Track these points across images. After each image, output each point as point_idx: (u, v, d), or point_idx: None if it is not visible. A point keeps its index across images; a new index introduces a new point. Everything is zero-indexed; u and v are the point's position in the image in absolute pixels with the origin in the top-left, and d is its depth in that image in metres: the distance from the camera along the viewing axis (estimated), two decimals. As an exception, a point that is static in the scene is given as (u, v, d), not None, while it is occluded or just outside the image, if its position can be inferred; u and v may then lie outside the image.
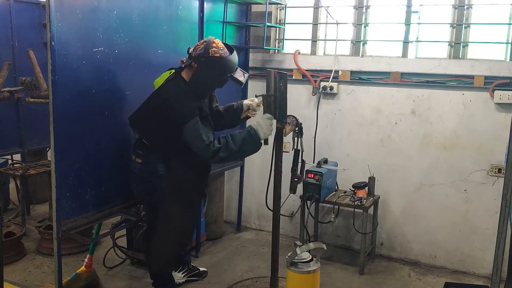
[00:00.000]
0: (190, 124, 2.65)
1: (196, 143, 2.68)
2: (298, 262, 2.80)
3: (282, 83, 2.77)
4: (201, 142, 2.66)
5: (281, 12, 4.41)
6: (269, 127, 2.79)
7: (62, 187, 2.64)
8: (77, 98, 2.68)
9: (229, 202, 4.72)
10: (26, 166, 4.46)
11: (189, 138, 2.68)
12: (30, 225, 4.28)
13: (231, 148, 2.71)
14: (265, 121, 2.78)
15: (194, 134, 2.66)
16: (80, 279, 3.30)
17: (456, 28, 3.75)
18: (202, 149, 2.68)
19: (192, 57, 2.77)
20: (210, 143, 2.67)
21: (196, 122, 2.66)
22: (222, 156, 2.70)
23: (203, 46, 2.74)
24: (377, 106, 3.99)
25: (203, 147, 2.67)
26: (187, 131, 2.66)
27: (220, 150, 2.68)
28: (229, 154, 2.72)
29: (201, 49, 2.74)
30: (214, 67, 2.75)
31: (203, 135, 2.66)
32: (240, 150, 2.76)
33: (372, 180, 3.88)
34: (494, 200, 3.62)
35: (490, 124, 3.62)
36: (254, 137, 2.77)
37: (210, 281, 3.59)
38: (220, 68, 2.77)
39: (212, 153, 2.68)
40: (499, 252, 2.40)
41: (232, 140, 2.72)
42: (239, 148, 2.73)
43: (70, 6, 2.57)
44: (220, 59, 2.74)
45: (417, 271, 3.86)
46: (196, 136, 2.66)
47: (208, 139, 2.67)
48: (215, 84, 2.88)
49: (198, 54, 2.73)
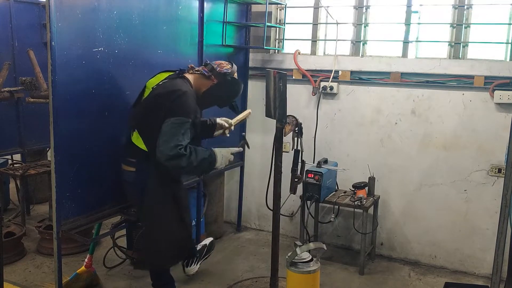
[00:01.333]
0: (179, 120, 2.62)
1: (168, 138, 2.60)
2: (298, 262, 2.80)
3: (282, 83, 2.77)
4: (173, 141, 2.60)
5: (281, 12, 4.41)
6: (226, 162, 2.88)
7: (62, 187, 2.64)
8: (77, 98, 2.68)
9: (229, 202, 4.72)
10: (26, 166, 4.46)
11: (166, 131, 2.61)
12: (30, 225, 4.28)
13: (191, 161, 2.66)
14: (227, 154, 2.86)
15: (173, 130, 2.61)
16: (80, 279, 3.31)
17: (456, 28, 3.75)
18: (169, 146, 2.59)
19: (215, 73, 2.89)
20: (179, 146, 2.61)
21: (186, 123, 2.65)
22: (179, 163, 2.64)
23: (229, 67, 2.93)
24: (377, 106, 3.99)
25: (171, 145, 2.59)
26: (170, 124, 2.61)
27: (182, 157, 2.62)
28: (186, 165, 2.66)
29: (227, 68, 2.91)
30: (232, 89, 2.96)
31: (180, 135, 2.62)
32: (196, 167, 2.72)
33: (372, 180, 3.88)
34: (494, 200, 3.62)
35: (490, 124, 3.62)
36: (211, 162, 2.80)
37: (210, 281, 3.59)
38: (234, 92, 2.99)
39: (174, 155, 2.60)
40: (499, 252, 2.40)
41: (195, 155, 2.69)
42: (196, 164, 2.69)
43: (70, 6, 2.57)
44: (239, 84, 3.00)
45: (417, 271, 3.86)
46: (173, 133, 2.61)
47: (183, 141, 2.62)
48: (222, 103, 3.04)
49: (225, 72, 2.89)
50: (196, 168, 2.74)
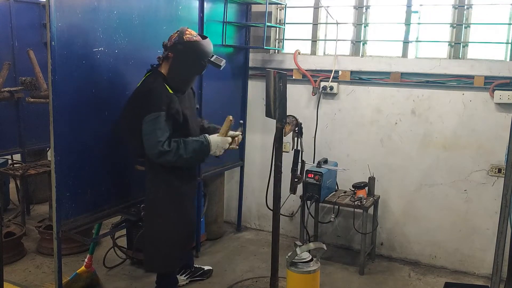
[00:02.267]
0: (151, 116, 2.61)
1: (147, 135, 2.62)
2: (298, 262, 2.80)
3: (282, 83, 2.77)
4: (152, 138, 2.61)
5: (281, 12, 4.41)
6: (221, 150, 2.82)
7: (62, 187, 2.64)
8: (77, 98, 2.68)
9: (229, 202, 4.72)
10: (26, 166, 4.46)
11: (144, 130, 2.63)
12: (30, 225, 4.28)
13: (180, 154, 2.66)
14: (223, 143, 2.82)
15: (150, 128, 2.61)
16: (80, 279, 3.31)
17: (456, 28, 3.75)
18: (151, 144, 2.62)
19: (168, 48, 2.77)
20: (160, 142, 2.61)
21: (159, 117, 2.62)
22: (168, 159, 2.65)
23: (177, 34, 2.76)
24: (377, 106, 3.99)
25: (152, 143, 2.61)
26: (145, 122, 2.62)
27: (167, 154, 2.63)
28: (176, 160, 2.67)
29: (175, 37, 2.76)
30: (191, 52, 2.75)
31: (158, 131, 2.61)
32: (189, 158, 2.71)
33: (372, 180, 3.88)
34: (494, 200, 3.62)
35: (490, 124, 3.62)
36: (206, 151, 2.77)
37: (210, 281, 3.59)
38: (197, 53, 2.77)
39: (157, 152, 2.62)
40: (499, 252, 2.40)
41: (184, 147, 2.68)
42: (188, 156, 2.70)
43: (70, 6, 2.57)
44: (196, 44, 2.76)
45: (417, 271, 3.86)
46: (150, 130, 2.61)
47: (162, 136, 2.62)
48: (194, 71, 2.85)
49: (174, 42, 2.75)
50: (188, 160, 2.73)
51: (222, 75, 3.82)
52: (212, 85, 3.79)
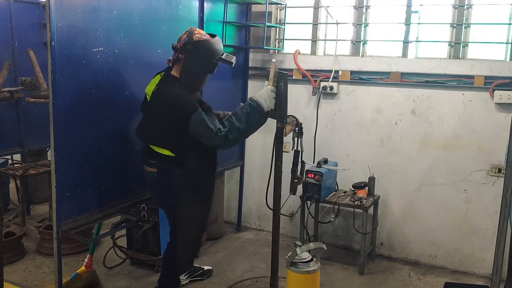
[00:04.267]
0: (195, 117, 2.63)
1: (204, 134, 2.66)
2: (298, 262, 2.79)
3: (282, 83, 2.77)
4: (209, 132, 2.64)
5: (281, 12, 4.41)
6: (272, 100, 2.74)
7: (62, 187, 2.64)
8: (77, 98, 2.68)
9: (229, 202, 4.72)
10: (26, 166, 4.46)
11: (197, 132, 2.66)
12: (30, 225, 4.28)
13: (237, 127, 2.68)
14: (268, 93, 2.73)
15: (201, 126, 2.64)
16: (80, 279, 3.31)
17: (456, 28, 3.75)
18: (212, 138, 2.66)
19: (178, 49, 2.76)
20: (218, 130, 2.65)
21: (200, 114, 2.65)
22: (231, 138, 2.68)
23: (186, 35, 2.74)
24: (377, 106, 3.99)
25: (212, 136, 2.65)
26: (193, 126, 2.64)
27: (228, 133, 2.66)
28: (238, 134, 2.70)
29: (184, 38, 2.74)
30: (201, 51, 2.73)
31: (209, 124, 2.64)
32: (247, 126, 2.72)
33: (372, 180, 3.88)
34: (494, 200, 3.62)
35: (490, 124, 3.62)
36: (258, 109, 2.71)
37: (210, 281, 3.59)
38: (208, 52, 2.76)
39: (222, 139, 2.66)
40: (499, 252, 2.40)
41: (236, 119, 2.70)
42: (245, 124, 2.70)
43: (70, 6, 2.57)
44: (206, 42, 2.75)
45: (417, 271, 3.86)
46: (203, 128, 2.64)
47: (216, 127, 2.66)
48: (206, 70, 2.82)
49: (183, 43, 2.73)
50: (247, 127, 2.73)
51: (222, 75, 3.81)
52: (212, 85, 3.76)
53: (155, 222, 3.55)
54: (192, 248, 3.07)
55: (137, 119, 2.96)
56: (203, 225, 3.04)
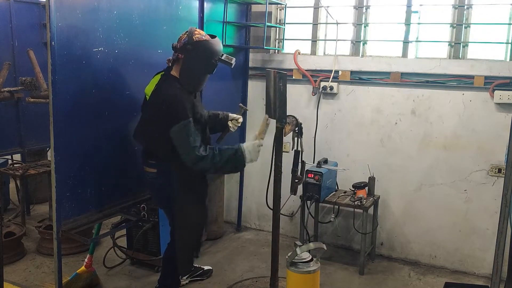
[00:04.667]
0: (181, 124, 2.62)
1: (182, 144, 2.64)
2: (298, 262, 2.79)
3: (282, 83, 2.77)
4: (187, 144, 2.62)
5: (281, 12, 4.41)
6: (256, 154, 2.79)
7: (62, 187, 2.64)
8: (77, 98, 2.68)
9: (229, 202, 4.72)
10: (26, 166, 4.46)
11: (177, 139, 2.64)
12: (30, 225, 4.28)
13: (214, 163, 2.68)
14: (254, 147, 2.78)
15: (182, 135, 2.62)
16: (80, 279, 3.31)
17: (456, 28, 3.75)
18: (186, 152, 2.64)
19: (178, 49, 2.77)
20: (195, 148, 2.63)
21: (188, 123, 2.63)
22: (202, 165, 2.67)
23: (186, 35, 2.76)
24: (377, 106, 3.99)
25: (187, 150, 2.63)
26: (176, 131, 2.62)
27: (203, 159, 2.65)
28: (210, 167, 2.70)
29: (184, 38, 2.75)
30: (201, 51, 2.74)
31: (190, 137, 2.63)
32: (222, 167, 2.74)
33: (372, 180, 3.88)
34: (494, 200, 3.62)
35: (490, 124, 3.62)
36: (240, 160, 2.75)
37: (210, 281, 3.59)
38: (207, 52, 2.76)
39: (195, 158, 2.64)
40: (499, 252, 2.40)
41: (219, 155, 2.70)
42: (222, 164, 2.71)
43: (70, 6, 2.57)
44: (206, 43, 2.76)
45: (417, 271, 3.86)
46: (183, 138, 2.63)
47: (195, 142, 2.64)
48: (206, 70, 2.82)
49: (183, 43, 2.74)
50: (222, 168, 2.76)
51: (222, 75, 3.82)
52: (212, 85, 3.78)
53: (155, 222, 3.55)
54: (191, 248, 3.07)
55: (137, 119, 2.96)
56: (201, 225, 3.04)
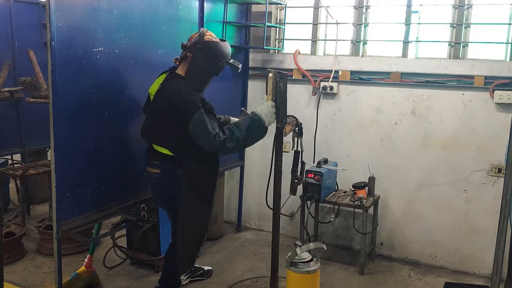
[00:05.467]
0: (195, 117, 2.64)
1: (202, 135, 2.66)
2: (298, 262, 2.79)
3: (282, 83, 2.77)
4: (207, 134, 2.65)
5: (281, 12, 4.41)
6: (272, 115, 2.78)
7: (62, 187, 2.64)
8: (77, 98, 2.68)
9: (229, 202, 4.72)
10: (26, 166, 4.46)
11: (195, 132, 2.67)
12: (30, 225, 4.28)
13: (237, 137, 2.71)
14: (269, 108, 2.77)
15: (200, 127, 2.65)
16: (80, 279, 3.31)
17: (456, 28, 3.75)
18: (209, 141, 2.67)
19: (187, 48, 2.80)
20: (216, 135, 2.66)
21: (202, 114, 2.66)
22: (229, 146, 2.70)
23: (197, 35, 2.81)
24: (377, 106, 3.99)
25: (209, 139, 2.66)
26: (193, 125, 2.65)
27: (227, 141, 2.68)
28: (237, 143, 2.72)
29: (195, 38, 2.80)
30: (210, 52, 2.79)
31: (208, 126, 2.65)
32: (247, 137, 2.75)
33: (372, 180, 3.88)
34: (494, 200, 3.62)
35: (490, 124, 3.62)
36: (259, 123, 2.75)
37: (210, 281, 3.59)
38: (216, 54, 2.81)
39: (219, 144, 2.67)
40: (499, 252, 2.40)
41: (237, 129, 2.72)
42: (245, 135, 2.73)
43: (70, 6, 2.57)
44: (216, 44, 2.82)
45: (417, 271, 3.86)
46: (202, 129, 2.65)
47: (214, 130, 2.67)
48: (212, 71, 2.87)
49: (194, 42, 2.78)
50: (247, 139, 2.77)
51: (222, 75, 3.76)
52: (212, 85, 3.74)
53: (155, 222, 3.55)
54: (193, 249, 3.07)
55: (138, 119, 2.96)
56: (204, 226, 3.04)
